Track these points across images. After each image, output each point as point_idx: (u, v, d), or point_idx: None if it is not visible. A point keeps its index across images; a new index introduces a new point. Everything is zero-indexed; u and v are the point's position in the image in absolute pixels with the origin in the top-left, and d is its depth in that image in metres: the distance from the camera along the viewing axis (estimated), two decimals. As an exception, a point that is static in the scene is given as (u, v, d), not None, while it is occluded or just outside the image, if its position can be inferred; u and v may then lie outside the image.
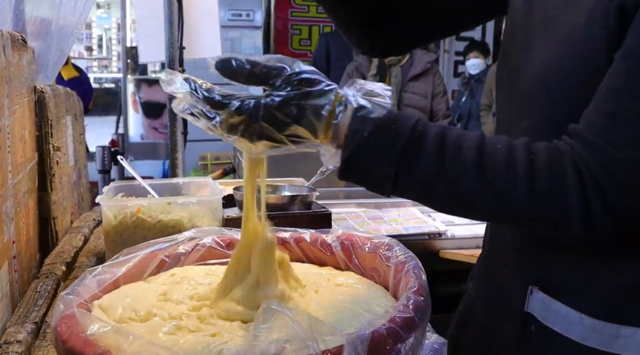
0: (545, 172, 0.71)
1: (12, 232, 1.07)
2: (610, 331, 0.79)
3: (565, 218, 0.70)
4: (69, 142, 1.68)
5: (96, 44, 14.34)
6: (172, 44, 2.14)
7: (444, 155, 0.73)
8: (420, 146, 0.73)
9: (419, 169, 0.73)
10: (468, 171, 0.72)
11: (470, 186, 0.72)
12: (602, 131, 0.70)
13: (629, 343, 0.78)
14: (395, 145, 0.72)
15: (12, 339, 0.90)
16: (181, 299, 0.87)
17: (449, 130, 0.75)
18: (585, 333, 0.81)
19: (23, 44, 1.23)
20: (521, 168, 0.71)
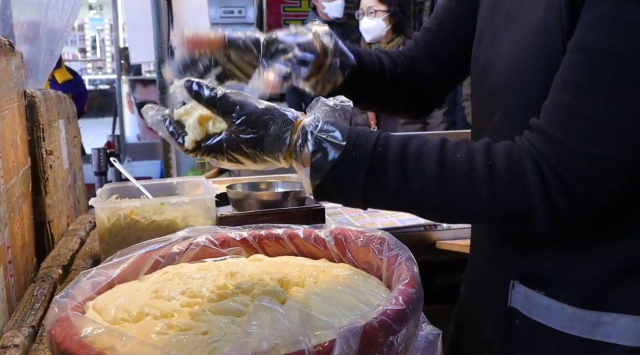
0: (505, 175, 0.72)
1: (6, 237, 1.07)
2: (591, 319, 0.81)
3: (532, 214, 0.71)
4: (63, 145, 1.68)
5: (90, 45, 14.31)
6: (161, 43, 2.14)
7: (406, 174, 0.75)
8: (382, 169, 0.75)
9: (384, 190, 0.77)
10: (431, 186, 0.74)
11: (435, 199, 0.76)
12: (560, 123, 0.71)
13: (611, 329, 0.80)
14: (358, 173, 0.75)
15: (10, 343, 0.91)
16: (173, 295, 0.88)
17: (409, 146, 0.76)
18: (567, 322, 0.83)
19: (11, 49, 1.23)
20: (481, 174, 0.72)
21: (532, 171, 0.71)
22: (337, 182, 0.76)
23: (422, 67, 1.10)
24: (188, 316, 0.81)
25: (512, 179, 0.71)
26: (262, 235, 1.09)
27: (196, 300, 0.86)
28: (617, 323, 0.79)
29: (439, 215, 0.82)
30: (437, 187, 0.74)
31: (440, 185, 0.74)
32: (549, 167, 0.70)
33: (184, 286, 0.90)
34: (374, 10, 3.06)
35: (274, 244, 1.09)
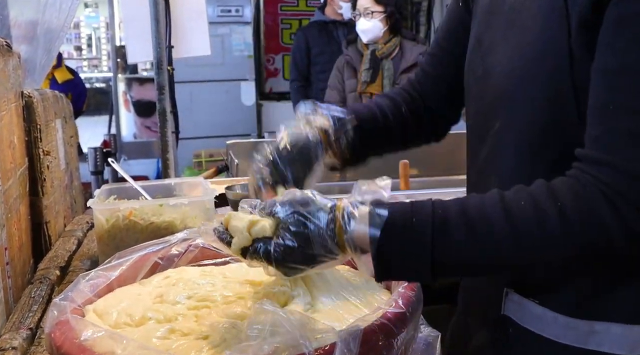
0: (577, 215, 0.69)
1: (4, 238, 1.07)
2: (584, 328, 0.80)
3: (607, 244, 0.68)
4: (60, 146, 1.68)
5: (85, 43, 14.25)
6: (160, 43, 2.14)
7: (475, 232, 0.70)
8: (447, 231, 0.70)
9: (454, 256, 0.71)
10: (504, 240, 0.70)
11: (511, 254, 0.71)
12: (621, 150, 0.69)
13: (604, 338, 0.79)
14: (423, 238, 0.70)
15: (8, 346, 0.91)
16: (178, 300, 0.87)
17: (468, 204, 0.72)
18: (560, 331, 0.82)
19: (8, 49, 1.22)
20: (553, 219, 0.69)
21: (605, 206, 0.68)
22: (399, 250, 0.70)
23: (434, 92, 1.12)
24: (193, 319, 0.81)
25: (586, 218, 0.68)
26: (261, 237, 1.09)
27: (205, 304, 0.86)
28: (609, 332, 0.79)
29: (518, 268, 0.78)
30: (511, 241, 0.69)
31: (515, 238, 0.69)
32: (622, 199, 0.67)
33: (190, 291, 0.90)
34: (370, 11, 3.06)
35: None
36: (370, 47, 3.19)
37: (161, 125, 2.20)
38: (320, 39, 3.99)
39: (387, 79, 3.17)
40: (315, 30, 4.10)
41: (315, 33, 4.07)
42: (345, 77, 3.32)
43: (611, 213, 0.67)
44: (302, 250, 0.70)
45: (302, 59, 4.06)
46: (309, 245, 0.70)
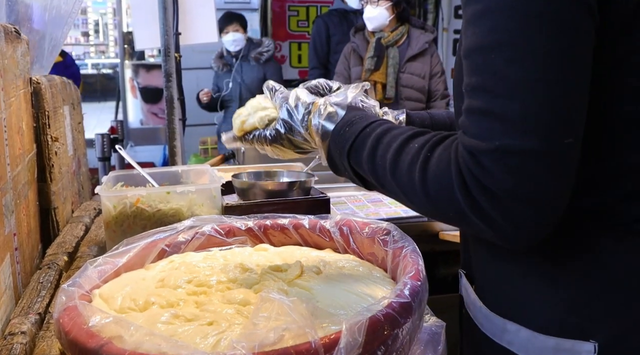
0: (434, 171, 0.71)
1: (13, 224, 1.08)
2: (499, 323, 0.82)
3: (463, 215, 0.68)
4: (67, 132, 1.68)
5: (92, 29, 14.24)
6: (167, 30, 2.13)
7: (375, 155, 0.79)
8: (361, 147, 0.82)
9: (362, 167, 0.82)
10: (387, 169, 0.78)
11: (389, 184, 0.78)
12: (468, 127, 0.69)
13: (514, 339, 0.80)
14: (345, 145, 0.84)
15: (17, 330, 0.92)
16: (179, 284, 0.88)
17: (391, 131, 0.80)
18: (483, 321, 0.86)
19: (17, 36, 1.23)
20: (418, 167, 0.72)
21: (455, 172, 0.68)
22: (335, 150, 0.86)
23: None
24: (194, 305, 0.82)
25: (438, 173, 0.70)
26: (268, 225, 1.10)
27: (203, 289, 0.87)
28: (519, 335, 0.79)
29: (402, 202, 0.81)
30: (389, 173, 0.77)
31: (392, 171, 0.76)
32: (467, 169, 0.67)
33: (190, 275, 0.91)
34: None
35: (279, 234, 1.10)
36: (376, 35, 3.18)
37: (168, 112, 2.20)
38: (341, 28, 4.04)
39: (391, 67, 3.16)
40: (336, 18, 4.16)
41: (336, 21, 4.13)
42: (351, 65, 3.31)
43: (458, 183, 0.68)
44: (287, 135, 0.91)
45: (322, 46, 4.12)
46: (291, 131, 0.91)
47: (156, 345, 0.64)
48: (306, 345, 0.63)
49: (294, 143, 0.92)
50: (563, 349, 0.76)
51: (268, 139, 0.93)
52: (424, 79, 3.21)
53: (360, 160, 0.82)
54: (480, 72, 0.67)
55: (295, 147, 0.93)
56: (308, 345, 0.63)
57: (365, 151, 0.80)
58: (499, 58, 0.65)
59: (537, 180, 0.64)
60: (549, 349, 0.77)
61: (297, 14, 5.82)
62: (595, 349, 0.74)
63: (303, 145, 0.92)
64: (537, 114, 0.63)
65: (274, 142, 0.92)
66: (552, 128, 0.64)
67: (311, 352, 0.63)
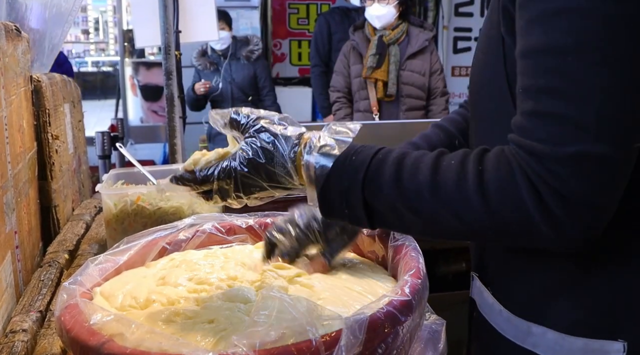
0: (494, 182, 0.68)
1: (14, 222, 1.08)
2: (523, 327, 0.81)
3: (530, 224, 0.66)
4: (68, 130, 1.68)
5: (92, 27, 14.23)
6: (168, 28, 2.13)
7: (402, 177, 0.73)
8: (379, 173, 0.74)
9: (381, 195, 0.74)
10: (423, 191, 0.71)
11: (429, 206, 0.72)
12: (534, 132, 0.66)
13: (539, 341, 0.80)
14: (357, 175, 0.74)
15: (18, 328, 0.92)
16: (180, 282, 0.89)
17: (409, 154, 0.75)
18: (503, 325, 0.84)
19: (17, 34, 1.23)
20: (471, 180, 0.69)
21: (522, 180, 0.66)
22: (340, 184, 0.75)
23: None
24: (194, 303, 0.82)
25: (502, 184, 0.67)
26: (268, 222, 1.10)
27: (203, 287, 0.87)
28: (545, 337, 0.79)
29: (438, 228, 0.74)
30: (429, 193, 0.71)
31: (433, 191, 0.70)
32: (536, 175, 0.65)
33: (191, 273, 0.91)
34: None
35: (279, 232, 1.10)
36: (377, 33, 3.18)
37: (169, 110, 2.20)
38: (343, 25, 4.03)
39: (393, 64, 3.16)
40: (337, 16, 4.15)
41: (337, 19, 4.12)
42: (350, 63, 3.31)
43: (527, 185, 0.66)
44: (265, 166, 0.75)
45: (323, 44, 4.11)
46: (271, 162, 0.75)
47: (157, 343, 0.64)
48: (307, 343, 0.63)
49: (269, 176, 0.77)
50: (592, 350, 0.75)
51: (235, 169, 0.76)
52: (424, 77, 3.21)
53: (379, 187, 0.73)
54: (552, 74, 0.65)
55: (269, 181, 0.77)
56: (309, 343, 0.63)
57: (385, 177, 0.73)
58: (574, 61, 0.63)
59: (611, 186, 0.65)
60: (577, 350, 0.76)
61: (297, 11, 5.82)
62: (625, 348, 0.73)
63: (281, 180, 0.77)
64: (614, 120, 0.63)
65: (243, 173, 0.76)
66: (627, 135, 0.64)
67: (312, 350, 0.63)
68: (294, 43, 5.75)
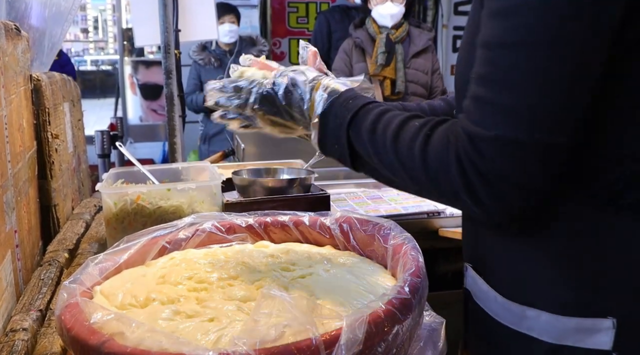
0: (434, 148, 0.75)
1: (14, 221, 1.08)
2: (518, 311, 0.83)
3: (456, 192, 0.73)
4: (67, 129, 1.68)
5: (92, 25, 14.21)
6: (167, 27, 2.13)
7: (376, 128, 0.81)
8: (363, 119, 0.83)
9: (360, 140, 0.83)
10: (387, 143, 0.79)
11: (389, 158, 0.80)
12: (470, 112, 0.73)
13: (534, 324, 0.82)
14: (347, 116, 0.84)
15: (18, 327, 0.92)
16: (180, 280, 0.89)
17: (393, 110, 0.83)
18: (499, 311, 0.86)
19: (17, 33, 1.23)
20: (418, 144, 0.76)
21: (453, 151, 0.73)
22: (333, 122, 0.85)
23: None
24: (195, 301, 0.82)
25: (438, 155, 0.74)
26: (268, 222, 1.10)
27: (203, 286, 0.87)
28: (539, 319, 0.81)
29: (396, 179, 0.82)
30: (390, 147, 0.79)
31: (393, 145, 0.79)
32: (464, 150, 0.72)
33: (191, 271, 0.91)
34: None
35: (279, 231, 1.10)
36: (383, 31, 3.18)
37: (168, 109, 2.20)
38: (343, 24, 3.96)
39: (400, 62, 3.18)
40: (337, 14, 4.10)
41: (337, 17, 4.07)
42: (353, 61, 3.31)
43: (455, 161, 0.72)
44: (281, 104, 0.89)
45: (323, 42, 4.05)
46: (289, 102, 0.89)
47: (157, 341, 0.64)
48: (307, 342, 0.63)
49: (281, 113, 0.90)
50: (584, 328, 0.78)
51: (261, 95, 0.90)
52: (427, 75, 3.23)
53: (359, 131, 0.83)
54: (491, 64, 0.71)
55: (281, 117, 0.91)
56: (309, 342, 0.63)
57: (366, 123, 0.82)
58: (513, 55, 0.69)
59: (527, 169, 0.70)
60: (570, 330, 0.79)
61: (296, 10, 5.81)
62: (615, 325, 0.76)
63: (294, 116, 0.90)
64: (539, 111, 0.69)
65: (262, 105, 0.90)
66: (547, 126, 0.69)
67: (312, 348, 0.63)
68: (293, 42, 5.74)
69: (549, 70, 0.68)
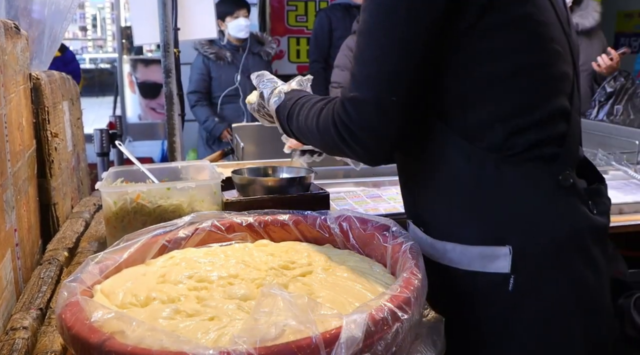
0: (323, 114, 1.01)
1: (13, 220, 1.08)
2: (440, 247, 1.00)
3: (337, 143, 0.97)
4: (67, 128, 1.68)
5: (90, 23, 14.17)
6: (167, 26, 2.13)
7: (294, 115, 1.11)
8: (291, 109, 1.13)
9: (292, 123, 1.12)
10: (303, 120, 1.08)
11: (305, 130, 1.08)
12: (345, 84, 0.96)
13: (452, 256, 0.99)
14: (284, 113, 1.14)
15: (18, 325, 0.92)
16: (180, 279, 0.89)
17: (310, 98, 1.11)
18: (429, 250, 1.02)
19: (16, 32, 1.22)
20: (315, 113, 1.04)
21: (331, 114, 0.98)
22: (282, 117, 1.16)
23: None
24: (195, 300, 0.83)
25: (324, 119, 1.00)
26: (268, 220, 1.10)
27: (204, 285, 0.87)
28: (455, 251, 0.98)
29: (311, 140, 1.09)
30: (303, 121, 1.07)
31: (305, 120, 1.07)
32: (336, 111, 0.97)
33: (191, 270, 0.92)
34: None
35: (279, 230, 1.10)
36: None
37: (168, 108, 2.20)
38: (344, 22, 3.94)
39: None
40: (339, 12, 4.07)
41: (339, 15, 4.04)
42: None
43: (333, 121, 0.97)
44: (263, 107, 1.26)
45: (323, 40, 4.02)
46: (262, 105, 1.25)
47: (158, 340, 0.65)
48: (307, 341, 0.64)
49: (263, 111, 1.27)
50: (486, 255, 0.95)
51: (255, 109, 1.28)
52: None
53: (291, 119, 1.12)
54: (356, 47, 0.97)
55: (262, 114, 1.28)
56: (309, 341, 0.64)
57: (296, 111, 1.11)
58: (362, 39, 0.95)
59: (373, 121, 0.94)
60: (476, 256, 0.96)
61: (295, 8, 5.81)
62: (510, 251, 0.94)
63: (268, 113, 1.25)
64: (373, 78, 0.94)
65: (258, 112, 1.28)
66: (381, 88, 0.93)
67: (312, 347, 0.63)
68: (292, 40, 5.74)
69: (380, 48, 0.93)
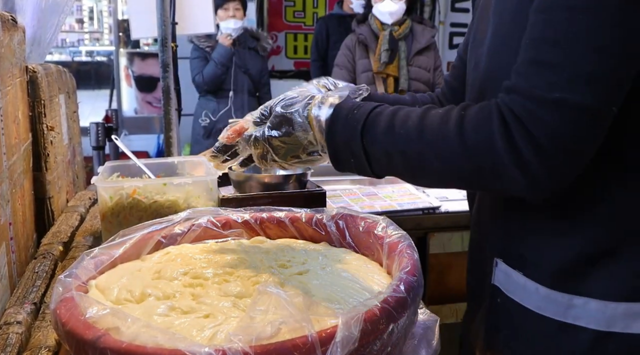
0: (472, 123, 0.75)
1: (8, 214, 1.07)
2: (563, 301, 0.83)
3: (500, 165, 0.73)
4: (63, 121, 1.67)
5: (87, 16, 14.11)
6: (165, 20, 2.12)
7: (394, 125, 0.81)
8: (375, 123, 0.82)
9: (378, 144, 0.82)
10: (411, 134, 0.79)
11: (415, 147, 0.79)
12: (526, 76, 0.73)
13: (581, 313, 0.82)
14: (357, 127, 0.82)
15: (12, 320, 0.92)
16: (175, 276, 0.89)
17: (403, 107, 0.84)
18: (541, 303, 0.85)
19: (13, 24, 1.22)
20: (452, 123, 0.76)
21: (497, 120, 0.73)
22: (342, 135, 0.83)
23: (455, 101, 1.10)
24: (190, 297, 0.82)
25: (478, 127, 0.74)
26: (264, 217, 1.10)
27: (199, 282, 0.87)
28: (587, 307, 0.81)
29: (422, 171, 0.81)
30: (416, 136, 0.78)
31: (419, 133, 0.78)
32: (514, 117, 0.72)
33: (187, 267, 0.91)
34: None
35: (275, 227, 1.10)
36: (386, 28, 3.18)
37: (165, 103, 2.19)
38: (339, 29, 4.39)
39: (403, 60, 3.19)
40: (335, 20, 4.56)
41: (335, 23, 4.52)
42: (356, 57, 3.30)
43: (500, 129, 0.72)
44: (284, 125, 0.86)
45: (322, 43, 4.53)
46: (289, 121, 0.85)
47: (153, 337, 0.64)
48: (303, 339, 0.63)
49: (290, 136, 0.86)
50: (633, 313, 0.79)
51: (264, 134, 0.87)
52: (429, 73, 3.24)
53: (375, 136, 0.82)
54: (559, 27, 0.71)
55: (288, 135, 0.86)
56: (305, 339, 0.63)
57: (380, 127, 0.81)
58: (582, 18, 0.69)
59: (584, 134, 0.71)
60: (620, 315, 0.79)
61: (293, 4, 5.80)
62: None
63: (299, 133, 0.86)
64: (603, 79, 0.70)
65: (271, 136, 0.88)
66: (609, 93, 0.71)
67: (307, 345, 0.63)
68: (289, 36, 5.73)
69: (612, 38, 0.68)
